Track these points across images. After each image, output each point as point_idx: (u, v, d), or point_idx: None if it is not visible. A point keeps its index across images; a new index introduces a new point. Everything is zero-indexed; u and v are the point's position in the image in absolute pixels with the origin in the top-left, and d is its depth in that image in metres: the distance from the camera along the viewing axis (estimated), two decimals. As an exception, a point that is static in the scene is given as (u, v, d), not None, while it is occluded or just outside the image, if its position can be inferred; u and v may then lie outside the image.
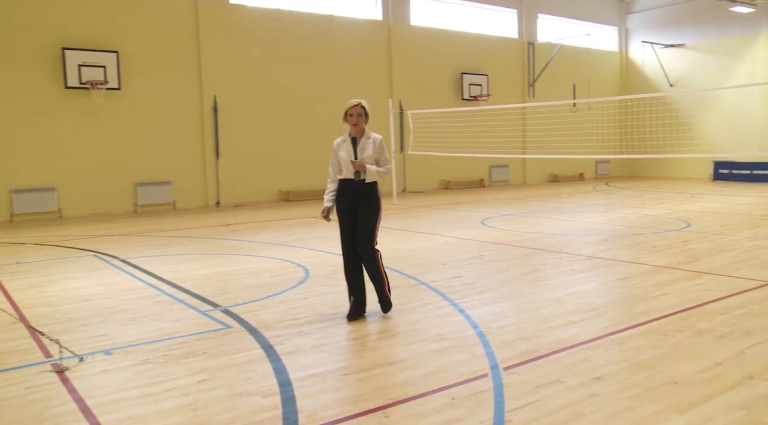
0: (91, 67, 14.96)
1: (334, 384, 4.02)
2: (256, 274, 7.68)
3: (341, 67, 19.20)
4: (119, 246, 10.19)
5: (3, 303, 6.44)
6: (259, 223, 13.10)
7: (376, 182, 5.64)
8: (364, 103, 5.61)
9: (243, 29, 17.43)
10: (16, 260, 9.11)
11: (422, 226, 12.00)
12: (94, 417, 3.61)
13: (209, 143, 17.03)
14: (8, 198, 14.49)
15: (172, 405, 3.75)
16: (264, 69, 17.79)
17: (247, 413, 3.63)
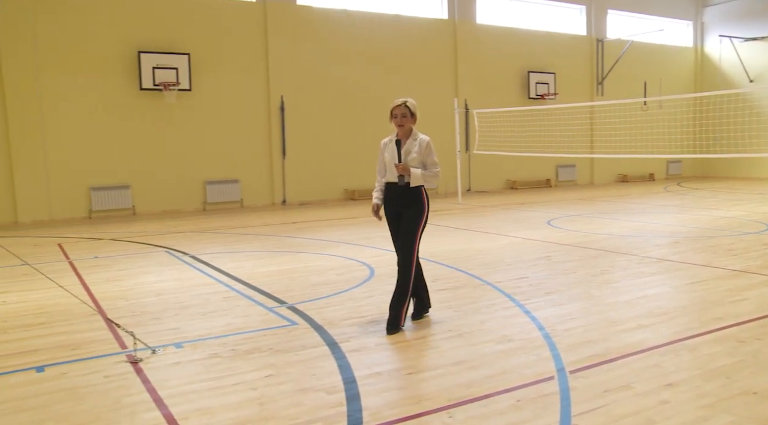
0: (164, 70, 15.47)
1: (398, 383, 4.03)
2: (321, 272, 7.77)
3: (407, 67, 19.22)
4: (189, 243, 10.49)
5: (83, 296, 6.72)
6: (324, 221, 13.26)
7: (423, 185, 5.32)
8: (410, 103, 5.32)
9: (310, 30, 17.66)
10: (94, 255, 9.51)
11: (487, 226, 11.89)
12: (165, 407, 3.73)
13: (276, 142, 17.34)
14: (87, 195, 15.14)
15: (240, 399, 3.83)
16: (330, 69, 17.98)
17: (312, 408, 3.68)
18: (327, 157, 18.04)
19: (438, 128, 19.42)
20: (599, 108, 22.16)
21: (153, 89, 15.47)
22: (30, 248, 10.36)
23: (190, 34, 16.05)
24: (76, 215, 15.07)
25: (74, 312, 6.07)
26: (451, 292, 6.56)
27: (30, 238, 11.70)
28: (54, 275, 7.79)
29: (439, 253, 8.86)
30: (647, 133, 20.68)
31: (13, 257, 8.85)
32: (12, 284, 7.54)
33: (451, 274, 7.46)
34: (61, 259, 9.25)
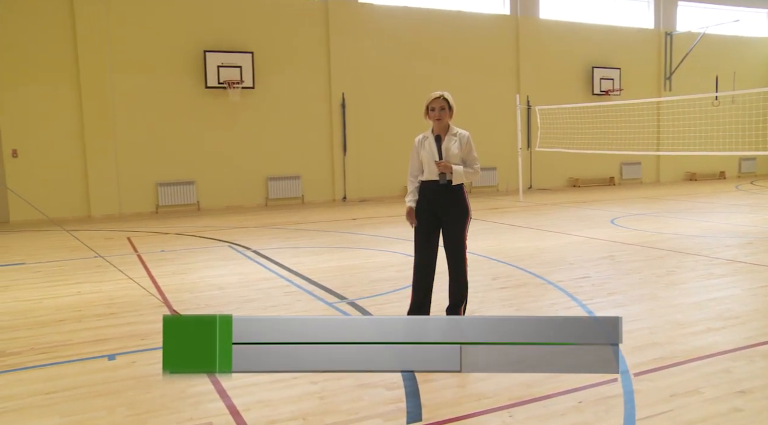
0: (229, 68, 15.81)
1: (457, 381, 4.01)
2: (381, 268, 7.81)
3: (468, 63, 19.09)
4: (252, 238, 10.70)
5: (150, 288, 6.95)
6: (384, 218, 13.31)
7: (463, 184, 5.03)
8: (447, 96, 5.01)
9: (371, 27, 17.74)
10: (161, 249, 9.81)
11: (549, 224, 11.70)
12: (228, 398, 3.82)
13: (337, 138, 17.49)
14: (154, 191, 15.63)
15: (300, 392, 3.89)
16: (391, 66, 18.02)
17: (372, 404, 3.70)
18: (387, 153, 18.09)
19: (499, 125, 19.24)
20: (667, 104, 21.48)
21: (218, 88, 15.84)
22: (102, 241, 10.77)
23: (253, 33, 16.35)
24: (144, 210, 15.57)
25: (143, 304, 6.27)
26: (512, 291, 6.49)
27: (102, 231, 12.16)
28: (124, 268, 8.07)
29: (500, 251, 8.77)
30: (718, 129, 19.95)
31: (88, 250, 9.22)
32: (86, 275, 7.86)
33: (512, 272, 7.38)
34: (131, 252, 9.58)
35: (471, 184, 19.42)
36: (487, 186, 19.57)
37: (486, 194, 18.86)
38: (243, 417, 3.56)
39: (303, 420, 3.52)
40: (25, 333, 5.41)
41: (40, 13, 14.51)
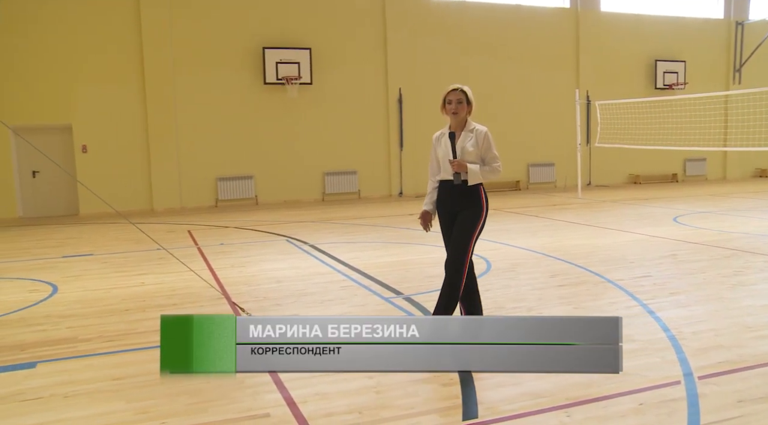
0: (287, 64, 16.01)
1: (514, 378, 3.97)
2: (437, 264, 7.77)
3: (526, 58, 18.82)
4: (308, 232, 10.83)
5: (210, 280, 7.11)
6: (439, 214, 13.24)
7: (482, 184, 4.71)
8: (466, 89, 4.72)
9: (428, 22, 17.68)
10: (220, 242, 10.03)
11: (608, 221, 11.45)
12: (286, 390, 3.87)
13: (394, 134, 17.52)
14: (214, 185, 15.99)
15: (356, 386, 3.91)
16: (448, 61, 17.92)
17: (427, 400, 3.70)
18: (443, 149, 17.97)
19: (558, 121, 18.93)
20: (735, 97, 20.67)
21: (276, 84, 16.06)
22: (164, 234, 11.08)
23: (311, 30, 16.51)
24: (204, 204, 15.94)
25: (202, 295, 6.43)
26: (571, 288, 6.38)
27: (164, 224, 12.51)
28: (185, 260, 8.27)
29: (558, 248, 8.63)
30: (790, 124, 19.13)
31: (151, 242, 9.50)
32: (150, 266, 8.11)
33: (570, 270, 7.26)
34: (191, 245, 9.82)
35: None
36: (545, 182, 19.28)
37: (544, 190, 18.58)
38: (300, 409, 3.61)
39: (359, 413, 3.55)
40: (95, 321, 5.62)
41: (108, 17, 15.02)
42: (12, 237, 11.67)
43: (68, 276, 7.69)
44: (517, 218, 12.07)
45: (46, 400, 3.87)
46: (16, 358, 4.67)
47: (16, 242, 10.97)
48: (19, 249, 10.16)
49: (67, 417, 3.59)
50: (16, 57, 14.49)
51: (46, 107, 14.74)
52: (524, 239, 9.48)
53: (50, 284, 7.22)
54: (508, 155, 18.73)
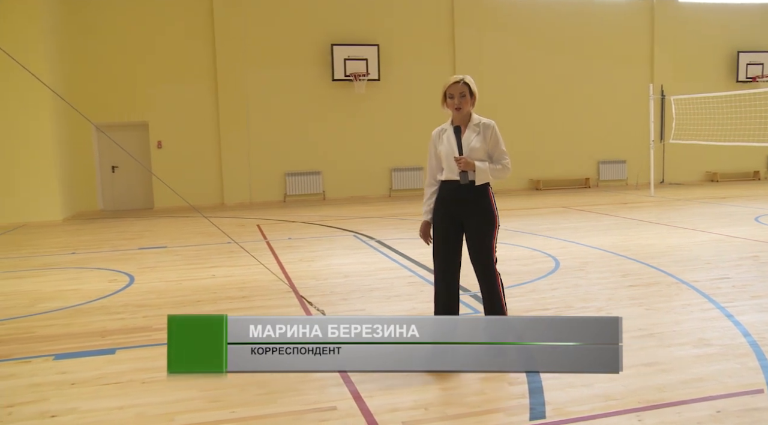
0: (355, 61, 16.13)
1: (583, 380, 3.88)
2: (504, 262, 7.65)
3: (597, 52, 18.34)
4: (375, 228, 10.89)
5: (278, 274, 7.24)
6: (508, 211, 13.10)
7: (489, 184, 4.28)
8: (469, 80, 4.21)
9: (496, 18, 17.48)
10: (288, 236, 10.20)
11: (683, 220, 11.05)
12: (352, 384, 3.91)
13: (460, 131, 17.39)
14: (282, 181, 16.28)
15: (422, 382, 3.90)
16: (517, 57, 17.67)
17: (495, 398, 3.67)
18: (512, 146, 17.41)
19: (630, 117, 18.40)
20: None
21: (344, 80, 16.20)
22: (235, 227, 11.35)
23: (379, 26, 16.58)
24: (273, 199, 16.25)
25: (271, 289, 6.55)
26: (642, 289, 6.20)
27: (234, 218, 12.82)
28: (254, 254, 8.46)
29: (629, 247, 8.39)
30: None
31: (222, 236, 9.75)
32: (221, 259, 8.33)
33: (642, 270, 7.04)
34: (260, 239, 10.03)
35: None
36: (615, 180, 18.77)
37: (614, 188, 18.09)
38: (366, 403, 3.64)
39: (425, 410, 3.55)
40: (169, 311, 5.81)
41: (182, 17, 15.50)
42: (93, 229, 12.21)
43: (144, 267, 7.98)
44: (586, 216, 11.80)
45: (124, 385, 4.03)
46: (97, 344, 4.89)
47: (97, 234, 11.46)
48: (100, 241, 10.61)
49: (144, 402, 3.73)
50: (98, 58, 15.12)
51: (124, 105, 15.33)
52: (593, 237, 9.26)
53: (128, 275, 7.52)
54: (577, 152, 18.37)
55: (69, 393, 3.94)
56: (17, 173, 13.27)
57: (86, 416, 3.58)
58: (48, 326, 5.50)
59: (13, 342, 5.05)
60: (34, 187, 13.36)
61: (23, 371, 4.37)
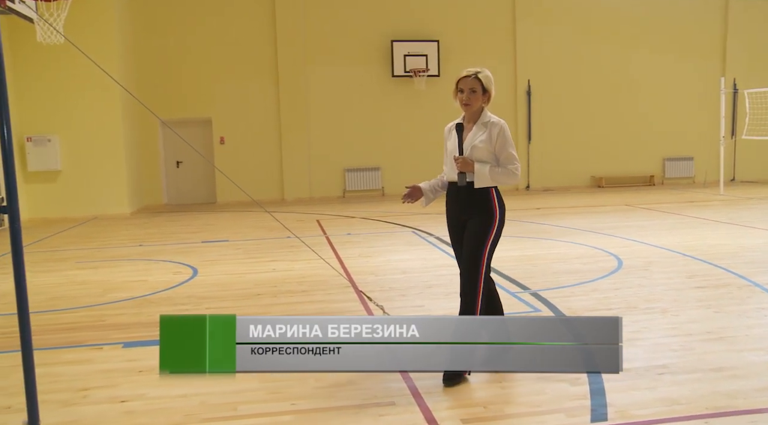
0: (415, 57, 16.11)
1: (648, 382, 3.78)
2: (565, 260, 7.56)
3: (663, 44, 17.75)
4: (434, 224, 10.85)
5: (338, 268, 7.30)
6: (569, 208, 12.88)
7: (495, 187, 3.96)
8: (483, 75, 3.93)
9: (559, 10, 17.15)
10: (347, 232, 10.28)
11: (755, 220, 10.61)
12: (411, 380, 3.90)
13: (522, 126, 17.18)
14: (342, 176, 16.41)
15: (481, 380, 3.87)
16: (580, 50, 17.30)
17: (554, 398, 3.61)
18: (574, 142, 17.44)
19: (698, 112, 17.80)
20: None
21: (404, 76, 16.20)
22: (294, 222, 11.51)
23: (439, 22, 16.50)
24: (332, 195, 16.40)
25: (331, 283, 6.62)
26: (711, 291, 5.98)
27: (294, 214, 13.00)
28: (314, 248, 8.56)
29: (696, 247, 8.12)
30: None
31: (282, 230, 9.91)
32: (281, 254, 8.46)
33: (711, 271, 6.80)
34: (320, 234, 10.14)
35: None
36: (682, 178, 18.17)
37: (681, 185, 17.53)
38: (424, 399, 3.64)
39: (483, 408, 3.52)
40: (231, 304, 5.94)
41: (245, 15, 15.79)
42: (159, 223, 12.58)
43: (206, 260, 8.18)
44: (650, 215, 11.48)
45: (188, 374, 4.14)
46: (162, 335, 5.03)
47: (162, 227, 11.81)
48: (165, 234, 10.93)
49: (208, 391, 3.81)
50: (164, 57, 15.56)
51: (189, 102, 15.72)
52: (659, 236, 9.00)
53: (191, 267, 7.72)
54: (642, 149, 17.86)
55: (137, 380, 4.08)
56: (90, 169, 13.80)
57: (153, 402, 3.70)
58: (118, 315, 5.70)
59: (86, 329, 5.26)
60: (104, 182, 13.86)
61: (96, 357, 4.54)
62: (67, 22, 8.95)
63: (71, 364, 4.42)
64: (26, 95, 13.33)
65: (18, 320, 3.12)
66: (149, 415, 3.55)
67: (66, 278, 7.45)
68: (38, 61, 13.23)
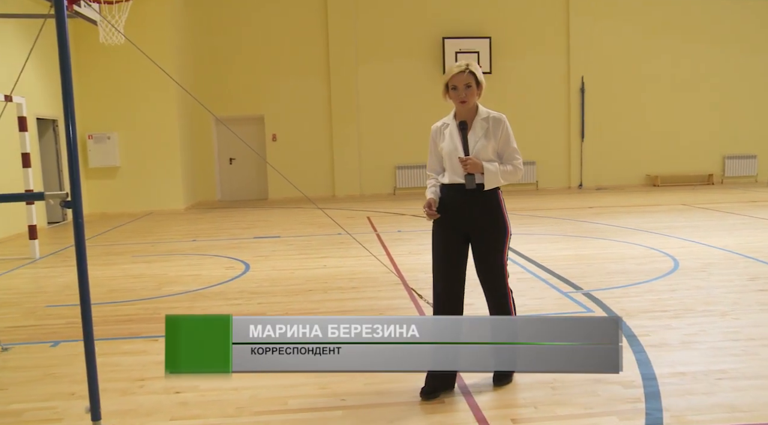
0: (466, 54, 15.99)
1: (706, 387, 3.67)
2: (619, 260, 7.40)
3: (725, 38, 17.14)
4: (484, 222, 10.76)
5: (388, 265, 7.32)
6: (623, 207, 12.61)
7: (499, 188, 3.69)
8: (474, 68, 3.61)
9: (614, 4, 16.78)
10: (398, 229, 10.29)
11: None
12: (461, 378, 3.87)
13: (575, 124, 16.89)
14: (393, 173, 16.43)
15: (532, 380, 3.81)
16: (635, 45, 16.90)
17: (607, 400, 3.54)
18: (629, 140, 17.05)
19: (760, 108, 17.17)
20: None
21: (455, 73, 16.11)
22: (345, 219, 11.58)
23: (491, 18, 16.36)
24: (383, 192, 16.44)
25: (381, 280, 6.63)
26: (774, 294, 5.77)
27: (345, 210, 13.08)
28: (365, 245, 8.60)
29: (760, 249, 7.82)
30: None
31: (333, 227, 9.98)
32: (332, 250, 8.53)
33: (774, 273, 6.56)
34: (370, 231, 10.18)
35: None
36: (743, 176, 17.56)
37: (742, 184, 16.95)
38: (474, 398, 3.61)
39: (534, 408, 3.48)
40: (282, 299, 6.02)
41: (297, 14, 15.98)
42: (212, 218, 12.84)
43: (258, 256, 8.30)
44: (708, 215, 11.14)
45: (240, 368, 4.21)
46: (215, 328, 5.13)
47: (215, 223, 12.05)
48: (218, 229, 11.15)
49: (258, 385, 3.87)
50: (218, 56, 15.87)
51: (242, 100, 15.99)
52: (718, 237, 8.72)
53: (243, 263, 7.85)
54: (700, 146, 17.32)
55: (191, 372, 4.16)
56: (147, 165, 14.19)
57: (206, 394, 3.77)
58: (172, 308, 5.84)
59: (143, 321, 5.40)
60: (160, 178, 14.23)
61: (152, 348, 4.66)
62: (126, 23, 9.22)
63: (129, 355, 4.56)
64: (87, 94, 13.78)
65: (80, 311, 3.23)
66: (202, 407, 3.63)
67: (123, 271, 7.67)
68: (99, 62, 13.67)
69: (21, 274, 7.81)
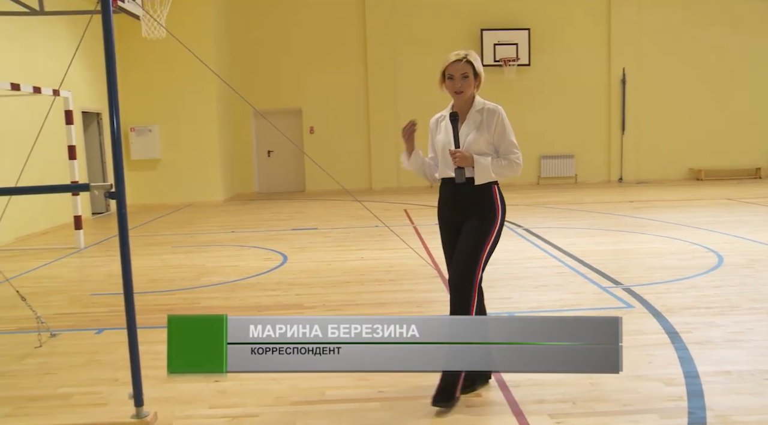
0: (505, 46, 15.84)
1: (753, 387, 3.58)
2: (660, 255, 7.27)
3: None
4: (523, 215, 10.68)
5: (426, 258, 7.30)
6: (664, 201, 12.36)
7: (496, 182, 3.55)
8: (472, 57, 3.51)
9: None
10: (434, 221, 10.23)
11: None
12: (498, 372, 3.86)
13: (615, 117, 16.60)
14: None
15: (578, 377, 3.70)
16: (679, 35, 16.48)
17: (648, 398, 3.48)
18: (671, 133, 16.67)
19: (812, 100, 16.64)
20: None
21: (493, 65, 15.95)
22: (382, 211, 11.59)
23: (530, 10, 16.15)
24: (420, 184, 16.39)
25: (418, 273, 6.63)
26: (823, 292, 5.60)
27: (382, 203, 13.09)
28: (402, 238, 8.60)
29: (807, 245, 7.62)
30: None
31: (370, 219, 10.00)
32: (369, 242, 8.56)
33: (823, 271, 6.37)
34: (407, 223, 10.18)
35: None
36: (791, 170, 17.05)
37: (790, 179, 16.47)
38: (512, 392, 3.59)
39: (572, 404, 3.44)
40: (319, 291, 6.06)
41: (335, 6, 16.00)
42: (251, 210, 12.99)
43: (296, 247, 8.37)
44: (755, 210, 10.85)
45: (278, 359, 4.25)
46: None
47: (253, 215, 12.19)
48: (257, 221, 11.27)
49: (296, 375, 3.90)
50: (257, 49, 16.01)
51: (280, 93, 16.10)
52: (764, 233, 8.49)
53: (281, 254, 7.92)
54: (747, 139, 16.84)
55: (230, 361, 4.22)
56: (187, 157, 14.41)
57: (245, 383, 3.82)
58: (211, 298, 5.93)
59: (183, 311, 5.50)
60: (200, 170, 14.45)
61: (190, 338, 4.73)
62: (167, 17, 9.35)
63: (170, 343, 4.64)
64: (130, 88, 14.02)
65: (124, 300, 3.30)
66: (241, 395, 3.67)
67: (163, 261, 7.81)
68: (141, 56, 13.90)
69: (67, 263, 8.01)
